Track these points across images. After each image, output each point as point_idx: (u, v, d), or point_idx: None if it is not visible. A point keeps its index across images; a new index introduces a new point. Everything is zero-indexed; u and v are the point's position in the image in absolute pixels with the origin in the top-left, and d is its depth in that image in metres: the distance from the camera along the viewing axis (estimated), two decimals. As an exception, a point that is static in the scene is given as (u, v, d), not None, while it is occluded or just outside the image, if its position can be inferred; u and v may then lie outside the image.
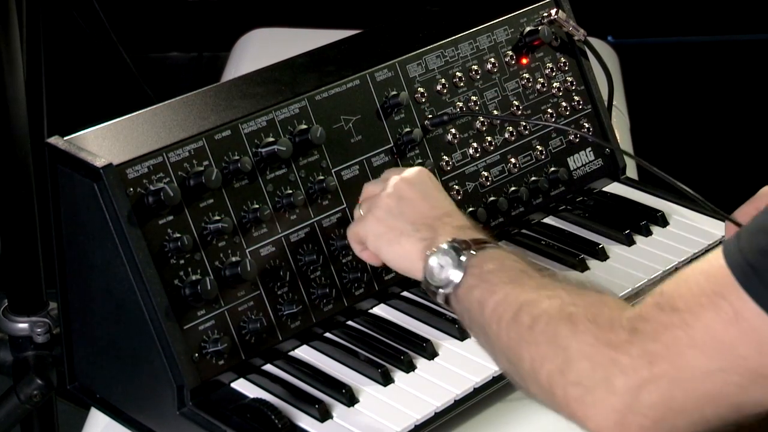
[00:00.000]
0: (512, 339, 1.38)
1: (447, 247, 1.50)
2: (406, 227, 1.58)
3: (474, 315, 1.45)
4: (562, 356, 1.31)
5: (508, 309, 1.40)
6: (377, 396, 1.58)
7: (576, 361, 1.30)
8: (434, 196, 1.63)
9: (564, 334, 1.32)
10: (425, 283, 1.52)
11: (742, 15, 3.73)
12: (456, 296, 1.48)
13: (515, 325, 1.38)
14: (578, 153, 2.01)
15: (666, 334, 1.25)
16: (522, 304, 1.39)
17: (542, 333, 1.34)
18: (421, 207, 1.61)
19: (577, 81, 2.02)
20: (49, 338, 2.10)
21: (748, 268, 1.22)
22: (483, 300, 1.43)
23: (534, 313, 1.36)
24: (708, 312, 1.23)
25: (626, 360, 1.26)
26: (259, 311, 1.62)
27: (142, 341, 1.55)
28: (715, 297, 1.23)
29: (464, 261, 1.48)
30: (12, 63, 1.99)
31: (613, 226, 1.92)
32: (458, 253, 1.49)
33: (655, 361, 1.25)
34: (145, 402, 1.60)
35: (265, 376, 1.61)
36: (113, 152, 1.57)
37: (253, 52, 2.79)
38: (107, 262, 1.55)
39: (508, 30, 1.96)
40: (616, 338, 1.28)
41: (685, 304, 1.25)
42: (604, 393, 1.27)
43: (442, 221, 1.57)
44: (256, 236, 1.64)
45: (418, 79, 1.85)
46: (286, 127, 1.70)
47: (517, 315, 1.38)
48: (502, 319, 1.40)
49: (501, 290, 1.42)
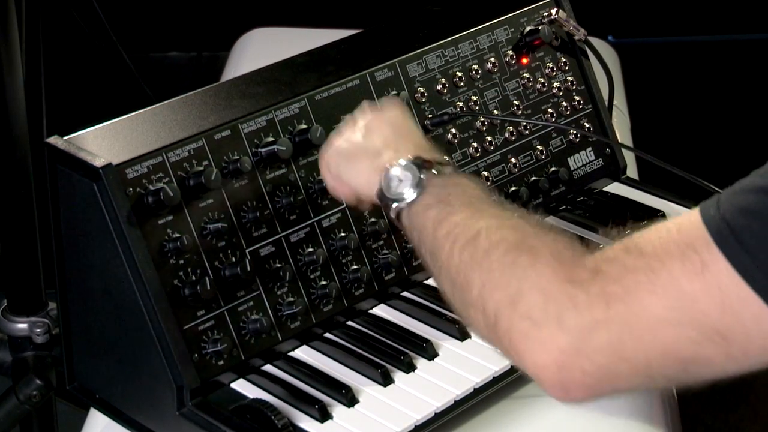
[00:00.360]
0: (464, 262, 1.33)
1: (409, 162, 1.46)
2: (366, 146, 1.54)
3: (426, 234, 1.40)
4: (516, 286, 1.27)
5: (465, 231, 1.35)
6: (377, 396, 1.58)
7: (529, 294, 1.26)
8: (403, 124, 1.57)
9: (522, 264, 1.28)
10: (380, 194, 1.48)
11: (742, 15, 3.73)
12: (410, 212, 1.44)
13: (470, 248, 1.33)
14: (579, 153, 2.01)
15: (628, 276, 1.22)
16: (481, 228, 1.34)
17: (498, 260, 1.30)
18: (386, 132, 1.55)
19: (577, 81, 2.02)
20: (48, 338, 2.10)
21: (724, 225, 1.19)
22: (439, 220, 1.39)
23: (493, 239, 1.32)
24: (675, 261, 1.21)
25: (583, 297, 1.23)
26: (259, 311, 1.62)
27: (141, 341, 1.55)
28: (686, 248, 1.20)
29: (424, 179, 1.44)
30: (11, 62, 1.98)
31: (613, 226, 1.91)
32: (419, 170, 1.45)
33: (612, 303, 1.22)
34: (145, 402, 1.60)
35: (264, 377, 1.61)
36: (113, 152, 1.57)
37: (252, 51, 2.78)
38: (107, 262, 1.55)
39: (509, 29, 1.96)
40: (576, 276, 1.25)
41: (653, 250, 1.22)
42: (552, 329, 1.23)
43: (405, 142, 1.52)
44: (256, 236, 1.64)
45: (418, 79, 1.84)
46: (285, 127, 1.70)
47: (475, 239, 1.34)
48: (457, 241, 1.35)
49: (460, 212, 1.38)
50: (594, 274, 1.25)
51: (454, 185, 1.44)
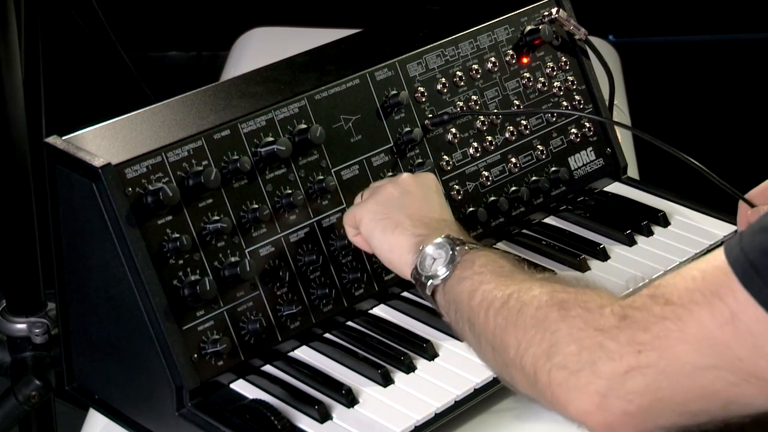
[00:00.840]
0: (499, 326, 1.37)
1: (442, 240, 1.52)
2: (404, 220, 1.59)
3: (462, 305, 1.45)
4: (549, 340, 1.30)
5: (498, 296, 1.40)
6: (377, 397, 1.58)
7: (563, 345, 1.29)
8: (437, 201, 1.65)
9: (553, 318, 1.31)
10: (415, 273, 1.53)
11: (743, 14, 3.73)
12: (444, 288, 1.49)
13: (504, 311, 1.37)
14: (579, 153, 2.00)
15: (657, 325, 1.24)
16: (513, 291, 1.39)
17: (532, 317, 1.34)
18: (422, 206, 1.62)
19: (578, 80, 2.01)
20: (47, 339, 2.10)
21: (749, 266, 1.20)
22: (473, 290, 1.44)
23: (524, 299, 1.36)
24: (703, 310, 1.22)
25: (613, 345, 1.25)
26: (259, 312, 1.62)
27: (140, 342, 1.55)
28: (711, 296, 1.22)
29: (457, 254, 1.50)
30: (10, 62, 1.98)
31: (614, 226, 1.91)
32: (452, 248, 1.51)
33: (644, 350, 1.24)
34: (144, 403, 1.60)
35: (264, 377, 1.61)
36: (112, 152, 1.57)
37: (252, 51, 2.78)
38: (106, 263, 1.55)
39: (509, 29, 1.95)
40: (605, 323, 1.27)
41: (679, 299, 1.24)
42: (588, 376, 1.26)
43: (439, 223, 1.59)
44: (256, 236, 1.64)
45: (418, 79, 1.84)
46: (285, 127, 1.69)
47: (507, 301, 1.38)
48: (491, 307, 1.39)
49: (492, 280, 1.43)
50: (621, 321, 1.27)
51: (485, 257, 1.49)
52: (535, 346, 1.31)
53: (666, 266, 1.83)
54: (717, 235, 1.90)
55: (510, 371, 1.36)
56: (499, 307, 1.39)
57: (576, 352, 1.27)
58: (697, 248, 1.87)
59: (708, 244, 1.89)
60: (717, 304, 1.21)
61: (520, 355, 1.33)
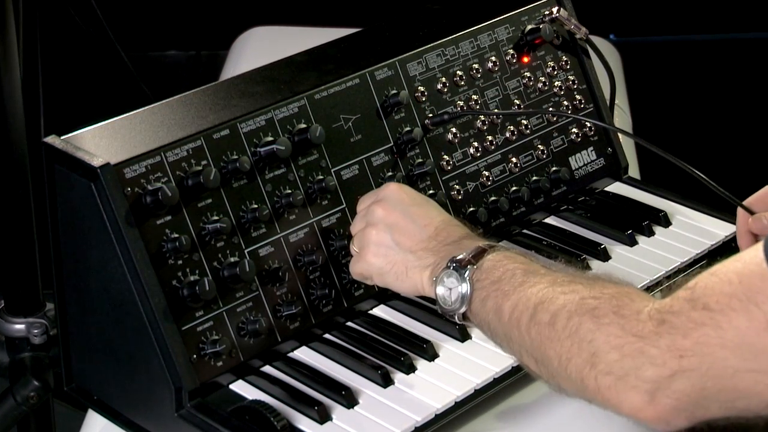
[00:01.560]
0: (534, 340, 1.39)
1: (449, 269, 1.53)
2: (408, 258, 1.60)
3: (493, 325, 1.47)
4: (588, 350, 1.32)
5: (524, 311, 1.41)
6: (377, 398, 1.57)
7: (604, 353, 1.31)
8: (418, 213, 1.63)
9: (588, 327, 1.33)
10: (440, 309, 1.55)
11: (744, 13, 3.72)
12: (472, 313, 1.51)
13: (534, 326, 1.39)
14: (580, 152, 2.00)
15: (697, 331, 1.26)
16: (536, 303, 1.40)
17: (564, 329, 1.35)
18: (411, 230, 1.61)
19: (578, 80, 2.01)
20: (46, 339, 2.09)
21: None
22: (498, 308, 1.45)
23: (551, 310, 1.38)
24: (740, 317, 1.23)
25: (654, 351, 1.27)
26: (258, 312, 1.61)
27: (139, 342, 1.55)
28: (749, 303, 1.23)
29: (468, 276, 1.50)
30: (9, 61, 1.98)
31: (615, 226, 1.91)
32: (461, 272, 1.51)
33: (685, 356, 1.26)
34: (143, 404, 1.60)
35: (263, 378, 1.60)
36: (111, 152, 1.56)
37: (251, 50, 2.78)
38: (105, 263, 1.54)
39: (509, 28, 1.95)
40: (643, 328, 1.29)
41: (717, 304, 1.25)
42: (634, 380, 1.29)
43: (437, 241, 1.59)
44: (255, 236, 1.63)
45: (418, 78, 1.84)
46: (285, 127, 1.69)
47: (534, 315, 1.39)
48: (521, 323, 1.41)
49: (513, 294, 1.44)
50: (659, 326, 1.28)
51: (495, 268, 1.50)
52: (575, 356, 1.33)
53: (667, 266, 1.82)
54: (718, 235, 1.90)
55: (557, 381, 1.38)
56: (528, 322, 1.40)
57: (618, 359, 1.30)
58: (698, 248, 1.87)
59: (709, 244, 1.88)
60: (754, 311, 1.23)
61: (563, 366, 1.35)
